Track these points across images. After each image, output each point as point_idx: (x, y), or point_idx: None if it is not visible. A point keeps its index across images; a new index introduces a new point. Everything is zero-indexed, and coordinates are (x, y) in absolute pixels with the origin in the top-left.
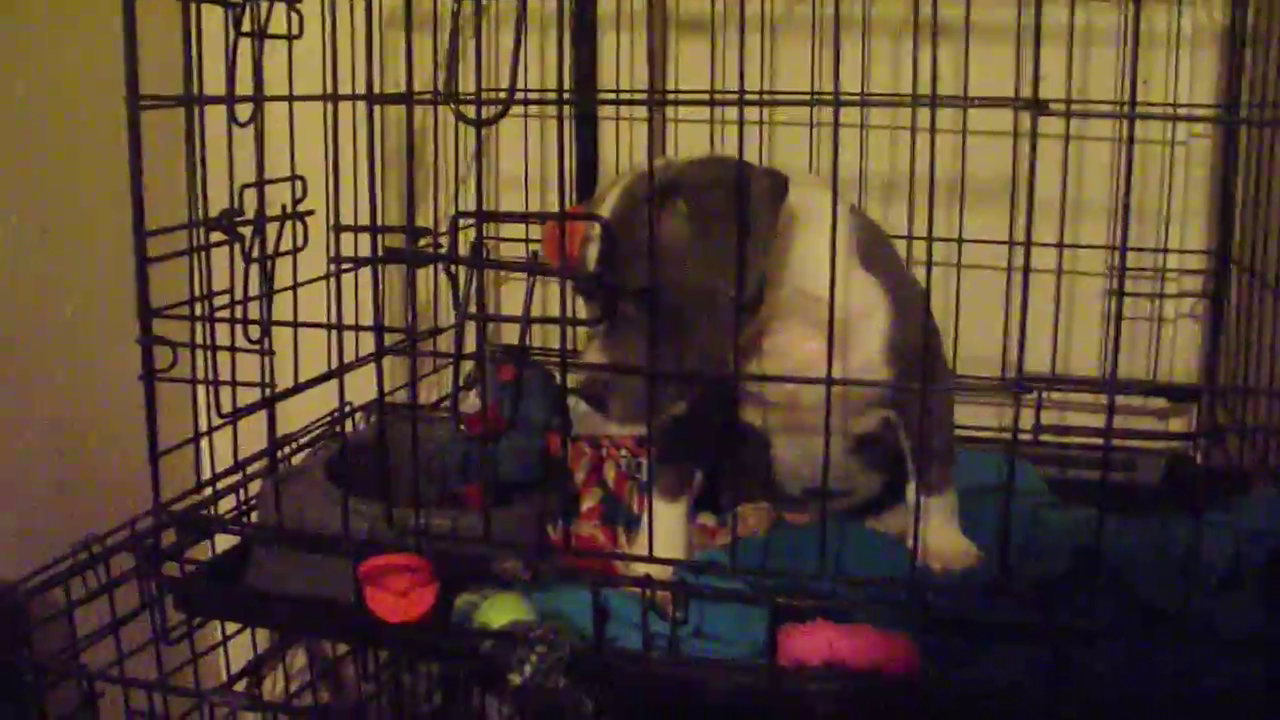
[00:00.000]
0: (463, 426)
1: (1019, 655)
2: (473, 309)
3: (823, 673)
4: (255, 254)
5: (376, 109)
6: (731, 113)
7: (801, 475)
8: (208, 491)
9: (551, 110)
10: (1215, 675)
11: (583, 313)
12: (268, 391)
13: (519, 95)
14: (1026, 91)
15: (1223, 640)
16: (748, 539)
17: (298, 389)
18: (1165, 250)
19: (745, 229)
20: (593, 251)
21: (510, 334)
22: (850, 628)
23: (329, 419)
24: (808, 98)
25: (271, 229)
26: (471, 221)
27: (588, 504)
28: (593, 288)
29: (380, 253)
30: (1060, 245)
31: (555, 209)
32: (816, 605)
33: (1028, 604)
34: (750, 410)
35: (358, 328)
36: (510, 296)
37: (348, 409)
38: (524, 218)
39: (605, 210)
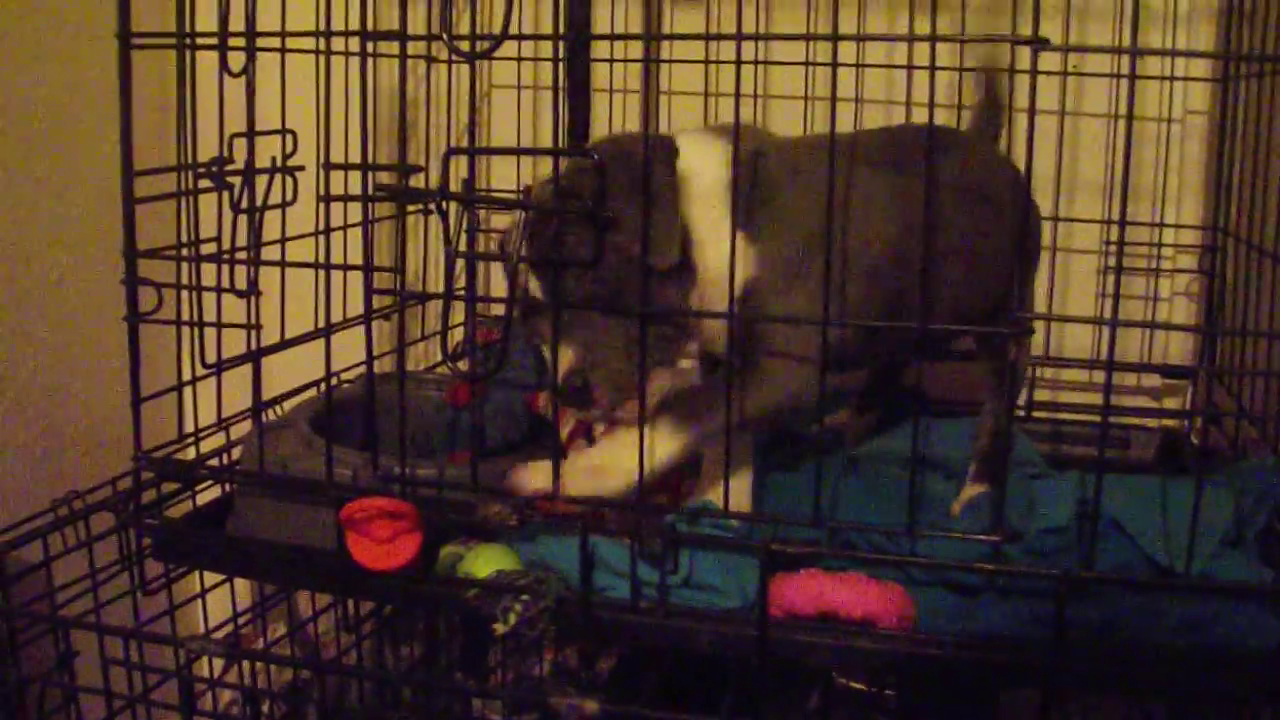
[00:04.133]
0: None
1: (1019, 608)
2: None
3: (815, 624)
4: (244, 205)
5: (370, 48)
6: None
7: None
8: (190, 446)
9: (546, 76)
10: (1218, 628)
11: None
12: (253, 336)
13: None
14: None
15: (1228, 590)
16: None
17: (285, 344)
18: (1161, 224)
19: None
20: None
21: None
22: (844, 576)
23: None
24: (804, 33)
25: (261, 182)
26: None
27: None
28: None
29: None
30: (1055, 219)
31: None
32: (810, 553)
33: (1027, 553)
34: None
35: (346, 267)
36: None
37: (335, 376)
38: (516, 153)
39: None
